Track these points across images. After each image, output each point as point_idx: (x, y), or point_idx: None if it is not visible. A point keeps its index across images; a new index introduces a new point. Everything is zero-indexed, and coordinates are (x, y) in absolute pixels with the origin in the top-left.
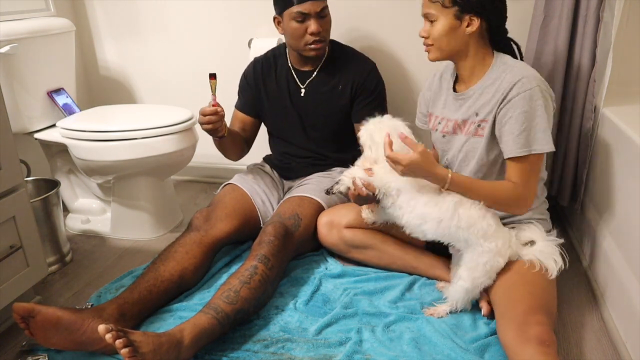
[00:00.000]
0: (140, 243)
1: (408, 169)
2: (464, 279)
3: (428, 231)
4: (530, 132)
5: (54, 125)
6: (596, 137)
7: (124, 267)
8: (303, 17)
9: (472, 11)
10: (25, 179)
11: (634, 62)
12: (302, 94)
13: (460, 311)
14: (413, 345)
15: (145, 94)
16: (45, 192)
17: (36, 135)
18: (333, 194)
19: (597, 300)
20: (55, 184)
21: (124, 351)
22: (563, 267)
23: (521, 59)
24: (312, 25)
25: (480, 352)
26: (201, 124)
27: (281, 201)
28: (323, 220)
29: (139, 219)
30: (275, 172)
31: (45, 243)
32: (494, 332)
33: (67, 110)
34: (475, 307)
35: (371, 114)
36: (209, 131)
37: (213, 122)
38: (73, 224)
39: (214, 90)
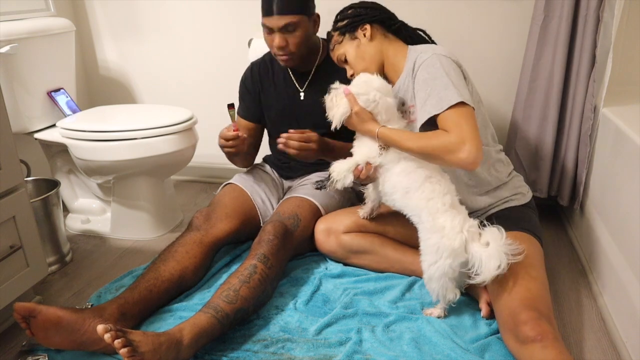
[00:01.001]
0: (140, 243)
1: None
2: (423, 269)
3: (396, 200)
4: (432, 94)
5: (54, 125)
6: (596, 137)
7: (124, 267)
8: (269, 30)
9: (357, 25)
10: (25, 179)
11: (634, 62)
12: (302, 97)
13: (454, 305)
14: (413, 345)
15: (145, 94)
16: (45, 192)
17: (36, 135)
18: (320, 188)
19: (597, 300)
20: (55, 184)
21: (123, 351)
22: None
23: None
24: (276, 39)
25: (480, 352)
26: (222, 147)
27: (281, 201)
28: (320, 228)
29: (139, 219)
30: (275, 172)
31: (45, 243)
32: (494, 332)
33: (68, 110)
34: (475, 307)
35: None
36: (229, 154)
37: (236, 146)
38: (73, 224)
39: (233, 119)
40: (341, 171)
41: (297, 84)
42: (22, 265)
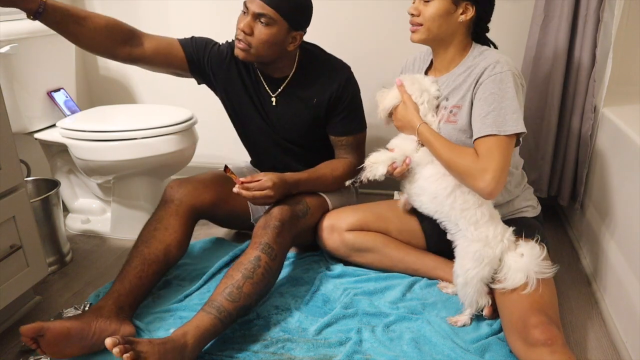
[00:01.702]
0: None
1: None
2: (458, 274)
3: (423, 203)
4: (499, 112)
5: (54, 125)
6: (596, 137)
7: None
8: (245, 10)
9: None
10: (25, 179)
11: (634, 62)
12: (274, 103)
13: (480, 312)
14: (413, 345)
15: (145, 94)
16: (45, 192)
17: (36, 135)
18: (361, 182)
19: (597, 300)
20: (55, 184)
21: None
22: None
23: None
24: (244, 21)
25: (480, 353)
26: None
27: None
28: (324, 224)
29: (139, 219)
30: None
31: (45, 243)
32: (495, 333)
33: (68, 110)
34: None
35: (350, 123)
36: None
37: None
38: (73, 224)
39: (234, 177)
40: (376, 161)
41: (268, 89)
42: (22, 265)
